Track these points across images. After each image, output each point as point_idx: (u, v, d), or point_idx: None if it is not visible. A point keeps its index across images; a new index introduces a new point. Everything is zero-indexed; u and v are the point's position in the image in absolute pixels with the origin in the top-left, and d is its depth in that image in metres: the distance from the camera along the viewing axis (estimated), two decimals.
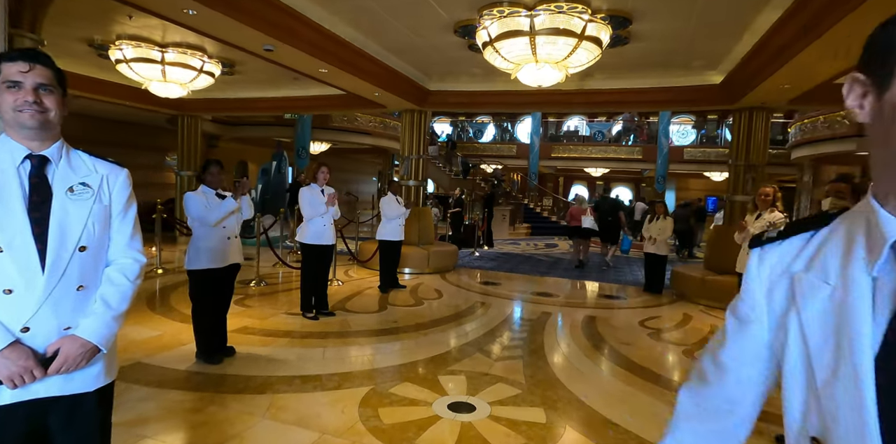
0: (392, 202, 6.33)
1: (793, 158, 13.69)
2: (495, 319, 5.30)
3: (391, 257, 6.40)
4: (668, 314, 5.94)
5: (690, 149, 19.13)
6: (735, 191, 6.85)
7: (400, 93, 7.35)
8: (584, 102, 7.16)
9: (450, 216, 11.46)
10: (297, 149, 13.82)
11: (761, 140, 6.67)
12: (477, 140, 22.68)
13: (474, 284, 7.32)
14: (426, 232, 8.40)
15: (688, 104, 6.69)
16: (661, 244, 7.11)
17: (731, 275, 6.69)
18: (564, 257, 11.13)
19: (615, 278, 8.55)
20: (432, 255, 7.97)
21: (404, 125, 8.41)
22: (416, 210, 8.18)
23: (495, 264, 9.54)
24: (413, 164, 8.38)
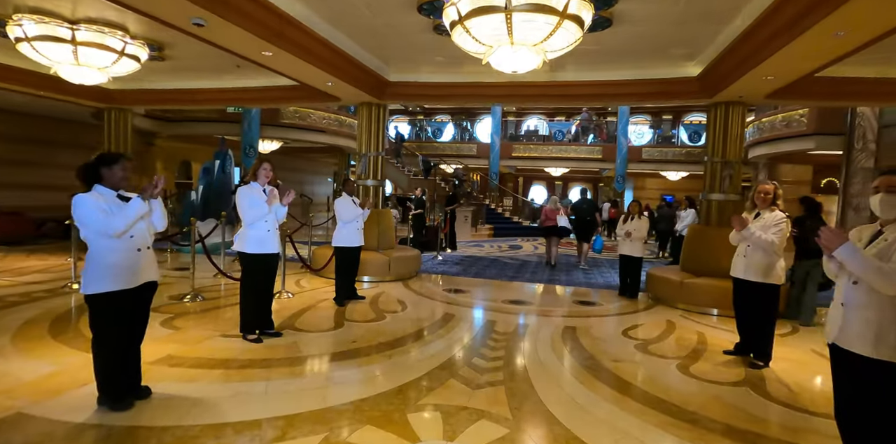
0: (348, 203, 5.64)
1: (750, 157, 13.87)
2: (467, 334, 4.72)
3: (348, 266, 5.71)
4: (650, 321, 5.54)
5: (648, 148, 19.30)
6: (712, 189, 6.57)
7: (356, 83, 6.66)
8: (557, 95, 6.71)
9: (411, 218, 10.82)
10: (244, 147, 12.83)
11: (738, 135, 6.42)
12: (436, 139, 22.11)
13: (440, 292, 6.72)
14: (386, 236, 7.74)
15: (664, 98, 6.36)
16: (637, 246, 6.75)
17: (711, 277, 6.42)
18: (530, 259, 10.71)
19: (587, 280, 8.16)
20: (394, 261, 7.31)
21: (361, 120, 7.72)
22: (376, 212, 7.51)
23: (460, 268, 8.98)
24: (371, 162, 7.70)
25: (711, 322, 5.65)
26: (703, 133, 19.17)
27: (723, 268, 6.41)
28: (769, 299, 4.11)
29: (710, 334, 5.11)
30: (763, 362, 4.13)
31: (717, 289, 6.00)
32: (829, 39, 4.00)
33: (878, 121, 9.47)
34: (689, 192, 24.09)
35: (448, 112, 25.70)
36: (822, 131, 10.55)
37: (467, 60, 6.19)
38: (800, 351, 4.65)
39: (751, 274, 4.11)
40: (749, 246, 4.14)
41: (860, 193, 9.86)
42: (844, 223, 10.27)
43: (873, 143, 9.57)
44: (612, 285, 7.71)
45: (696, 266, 6.52)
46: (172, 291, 5.86)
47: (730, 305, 5.96)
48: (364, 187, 7.72)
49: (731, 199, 6.49)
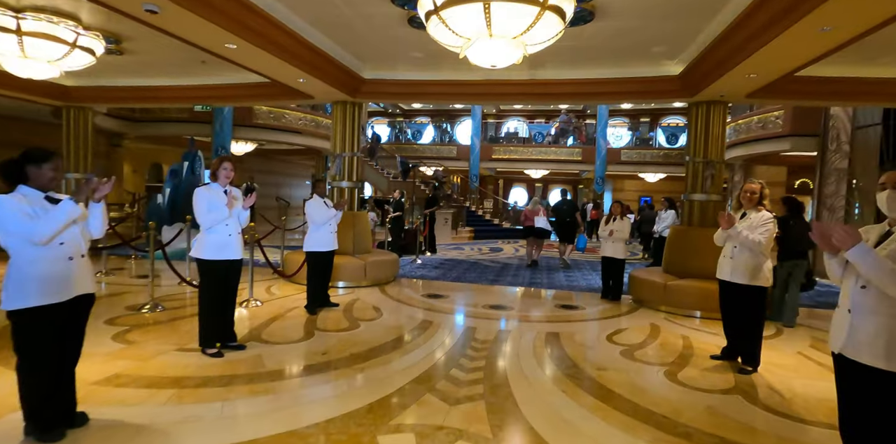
0: (319, 205, 5.35)
1: (727, 158, 13.95)
2: (446, 343, 4.47)
3: (321, 272, 5.41)
4: (634, 326, 5.38)
5: (627, 150, 19.38)
6: (693, 189, 6.46)
7: (330, 80, 6.38)
8: (536, 94, 6.53)
9: (389, 221, 10.54)
10: (216, 148, 12.39)
11: (719, 135, 6.32)
12: (416, 141, 21.86)
13: (418, 297, 6.46)
14: (362, 239, 7.45)
15: (645, 96, 6.23)
16: (619, 247, 6.61)
17: (694, 279, 6.30)
18: (511, 261, 10.53)
19: (568, 283, 8.00)
20: (370, 265, 7.03)
21: (335, 119, 7.42)
22: (351, 215, 7.22)
23: (440, 272, 8.74)
24: (346, 162, 7.41)
25: (696, 325, 5.52)
26: (680, 135, 19.36)
27: (706, 269, 6.32)
28: (756, 301, 3.96)
29: (696, 338, 4.96)
30: (752, 367, 3.98)
31: (701, 291, 5.89)
32: (816, 35, 3.89)
33: (851, 122, 9.56)
34: (668, 193, 24.36)
35: (428, 114, 25.50)
36: (797, 133, 10.64)
37: (445, 57, 5.98)
38: (786, 354, 4.53)
39: (737, 276, 3.96)
40: (735, 247, 4.00)
41: (834, 194, 9.95)
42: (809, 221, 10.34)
43: (847, 144, 9.66)
44: (594, 288, 7.56)
45: (679, 268, 6.40)
46: (131, 301, 5.48)
47: (714, 307, 5.86)
48: (339, 189, 7.42)
49: (712, 199, 6.39)
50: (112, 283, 6.67)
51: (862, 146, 9.35)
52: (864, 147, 9.31)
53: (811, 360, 4.42)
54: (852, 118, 9.55)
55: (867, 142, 9.22)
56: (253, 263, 5.72)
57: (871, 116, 9.11)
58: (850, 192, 9.55)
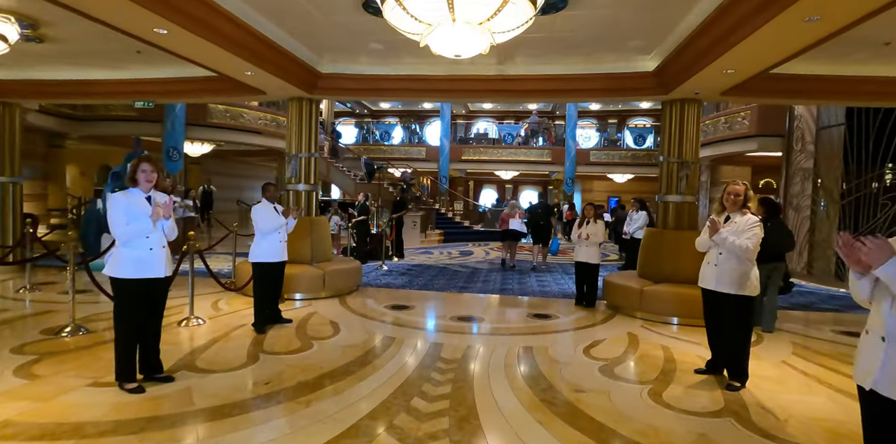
0: (267, 211, 4.82)
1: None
2: (408, 364, 4.02)
3: (269, 285, 4.88)
4: (611, 336, 5.06)
5: (596, 151, 19.35)
6: (668, 190, 6.21)
7: (282, 74, 5.85)
8: (505, 91, 6.17)
9: (353, 226, 10.02)
10: (167, 149, 11.60)
11: (694, 134, 6.10)
12: (384, 142, 21.32)
13: (381, 309, 5.99)
14: (321, 247, 6.92)
15: (617, 94, 5.95)
16: (593, 252, 6.30)
17: (670, 284, 6.04)
18: (481, 266, 10.16)
19: (540, 288, 7.66)
20: (329, 275, 6.51)
21: (291, 117, 6.88)
22: (308, 221, 6.70)
23: (406, 279, 8.28)
24: (303, 164, 6.88)
25: (674, 333, 5.24)
26: (647, 136, 19.45)
27: (682, 273, 6.09)
28: (744, 312, 3.67)
29: (676, 349, 4.67)
30: (740, 382, 3.69)
31: (678, 296, 5.63)
32: (801, 25, 3.63)
33: (815, 123, 9.59)
34: (636, 194, 24.53)
35: (396, 114, 24.98)
36: (763, 133, 10.64)
37: (407, 50, 5.55)
38: (770, 365, 4.27)
39: (724, 285, 3.66)
40: (720, 253, 3.70)
41: (800, 193, 9.97)
42: (785, 222, 10.37)
43: (811, 144, 9.69)
44: (567, 293, 7.25)
45: (654, 272, 6.14)
46: (50, 322, 4.82)
47: (691, 313, 5.61)
48: (296, 193, 6.88)
49: (688, 200, 6.16)
50: (37, 300, 5.95)
51: (826, 146, 9.38)
52: (828, 147, 9.33)
53: (796, 370, 4.17)
54: (816, 119, 9.58)
55: (831, 142, 9.25)
56: (193, 275, 5.14)
57: (836, 117, 9.14)
58: (815, 191, 9.58)
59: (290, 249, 6.44)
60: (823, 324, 5.86)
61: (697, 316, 5.61)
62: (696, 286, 5.89)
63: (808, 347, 4.85)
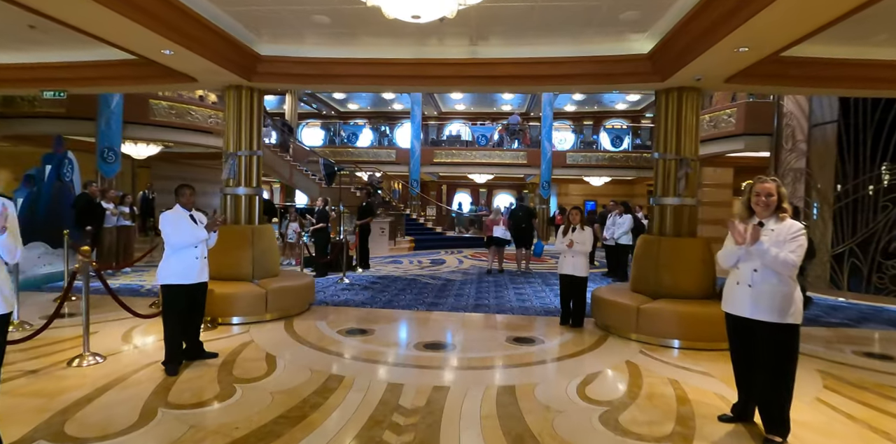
0: (179, 220, 3.80)
1: None
2: (356, 418, 3.07)
3: (183, 312, 3.86)
4: (608, 366, 4.21)
5: (572, 153, 18.74)
6: (665, 192, 5.44)
7: (211, 55, 4.86)
8: (478, 77, 5.30)
9: (309, 234, 8.99)
10: (101, 150, 10.35)
11: (693, 127, 5.34)
12: (351, 144, 20.28)
13: (333, 335, 5.01)
14: (265, 260, 5.90)
15: (607, 80, 5.15)
16: (580, 263, 5.47)
17: (668, 300, 5.26)
18: (454, 277, 9.25)
19: (519, 303, 6.79)
20: (273, 294, 5.49)
21: (228, 108, 5.88)
22: (249, 230, 5.69)
23: (369, 294, 7.30)
24: (243, 163, 5.87)
25: (678, 360, 4.44)
26: (624, 137, 18.95)
27: (683, 287, 5.29)
28: (788, 345, 2.85)
29: (688, 383, 3.84)
30: (781, 436, 2.87)
31: (680, 316, 4.84)
32: None
33: (808, 120, 9.06)
34: (613, 197, 24.08)
35: (365, 116, 23.98)
36: (750, 132, 10.09)
37: (361, 26, 4.64)
38: (805, 405, 3.46)
39: (762, 311, 2.84)
40: (756, 271, 2.88)
41: (791, 195, 9.39)
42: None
43: (804, 142, 9.15)
44: (550, 310, 6.41)
45: (650, 286, 5.34)
46: None
47: (695, 335, 4.82)
48: (234, 198, 5.86)
49: (687, 203, 5.39)
50: None
51: (820, 145, 8.85)
52: (822, 145, 8.80)
53: (838, 411, 3.38)
54: (809, 115, 9.05)
55: (825, 140, 8.72)
56: (88, 297, 4.07)
57: (830, 113, 8.61)
58: (808, 193, 9.03)
59: (226, 263, 5.47)
60: (841, 343, 5.15)
61: (702, 338, 4.87)
62: (699, 302, 5.19)
63: (838, 376, 4.09)
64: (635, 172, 18.52)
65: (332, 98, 21.77)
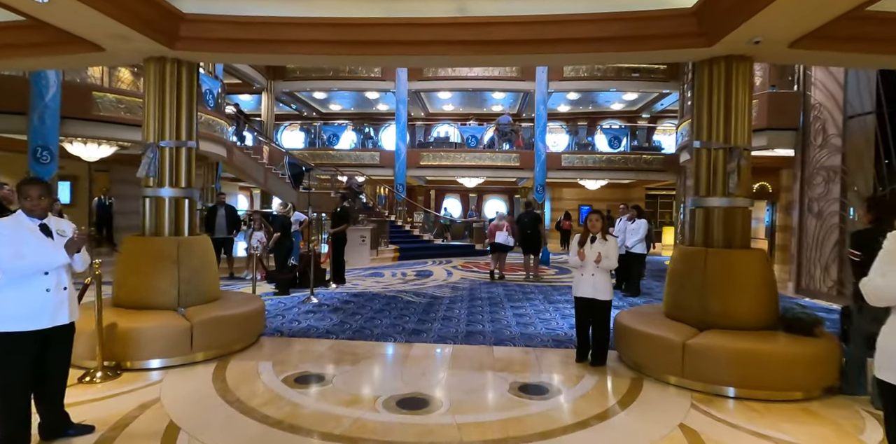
0: (18, 233, 2.48)
1: (682, 161, 12.37)
2: None
3: (22, 375, 2.54)
4: (655, 435, 2.97)
5: (568, 155, 17.61)
6: (709, 191, 4.24)
7: (110, 8, 3.58)
8: (468, 43, 4.07)
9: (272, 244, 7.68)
10: (34, 150, 8.94)
11: (746, 108, 4.16)
12: (332, 146, 18.98)
13: (277, 386, 3.70)
14: (198, 281, 4.57)
15: (637, 45, 3.95)
16: (603, 283, 4.23)
17: (720, 332, 4.04)
18: (441, 293, 7.98)
19: (521, 329, 5.53)
20: (202, 327, 4.17)
21: (147, 86, 4.59)
22: (175, 243, 4.40)
23: (338, 318, 6.00)
24: (168, 158, 4.58)
25: (745, 418, 3.22)
26: (623, 138, 17.88)
27: (736, 316, 4.06)
28: None
29: None
30: None
31: (738, 355, 3.63)
32: None
33: (842, 111, 7.97)
34: (610, 201, 23.03)
35: (348, 117, 22.74)
36: (774, 126, 8.99)
37: None
38: None
39: None
40: None
41: (823, 197, 8.31)
42: (804, 232, 8.73)
43: (837, 137, 8.06)
44: (559, 338, 5.18)
45: (692, 312, 4.12)
46: None
47: (757, 381, 3.58)
48: (157, 201, 4.55)
49: (739, 204, 4.19)
50: None
51: (858, 138, 7.75)
52: (861, 140, 7.70)
53: None
54: (843, 106, 7.96)
55: (865, 133, 7.62)
56: None
57: (870, 103, 7.52)
58: (844, 194, 7.91)
59: (141, 287, 4.20)
60: None
61: (767, 385, 3.64)
62: (762, 337, 3.93)
63: None
64: (634, 175, 17.44)
65: (313, 98, 20.50)
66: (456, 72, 17.23)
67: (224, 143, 12.21)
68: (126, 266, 4.40)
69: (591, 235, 4.25)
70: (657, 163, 16.99)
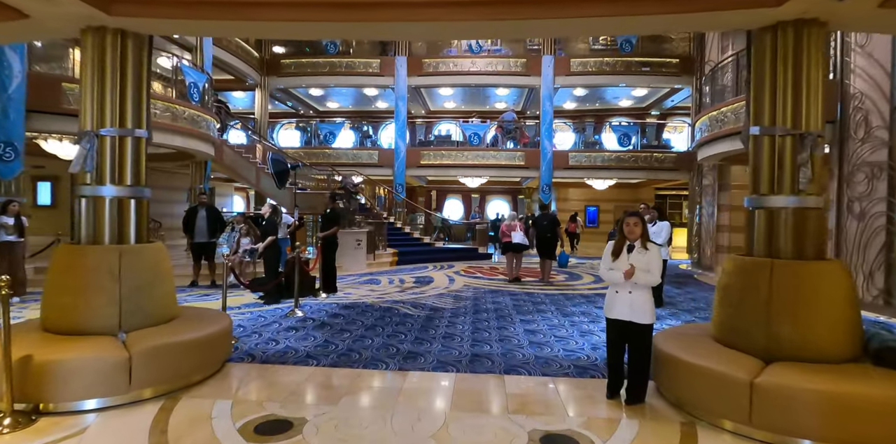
0: None
1: (700, 158, 11.54)
2: None
3: None
4: None
5: (575, 153, 16.78)
6: (774, 188, 3.42)
7: None
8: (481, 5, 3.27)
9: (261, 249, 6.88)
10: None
11: (818, 85, 3.35)
12: (328, 144, 18.19)
13: (228, 440, 2.88)
14: (146, 299, 3.76)
15: (688, 3, 3.14)
16: (643, 301, 3.41)
17: (795, 367, 3.12)
18: (443, 303, 7.17)
19: (536, 350, 4.70)
20: (144, 358, 3.35)
21: (84, 63, 3.79)
22: (115, 252, 3.60)
23: (322, 336, 5.20)
24: (108, 148, 3.78)
25: None
26: (632, 136, 17.04)
27: (813, 344, 3.13)
28: None
29: None
30: None
31: (825, 400, 2.80)
32: None
33: (889, 100, 7.15)
34: (619, 202, 22.20)
35: (346, 115, 21.96)
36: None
37: None
38: None
39: None
40: None
41: (865, 196, 7.48)
42: (842, 236, 7.90)
43: (884, 129, 7.23)
44: (579, 361, 4.37)
45: (755, 340, 3.30)
46: None
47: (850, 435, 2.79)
48: (95, 202, 3.76)
49: (810, 204, 3.37)
50: None
51: None
52: None
53: None
54: (890, 95, 7.14)
55: None
56: None
57: None
58: (892, 191, 7.09)
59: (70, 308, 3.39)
60: None
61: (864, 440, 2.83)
62: (848, 371, 3.03)
63: None
64: (644, 174, 16.61)
65: (310, 95, 19.73)
66: (458, 66, 16.45)
67: (211, 140, 11.41)
68: (56, 282, 3.60)
69: (627, 243, 3.44)
70: (669, 161, 16.17)
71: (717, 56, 12.32)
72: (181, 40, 12.90)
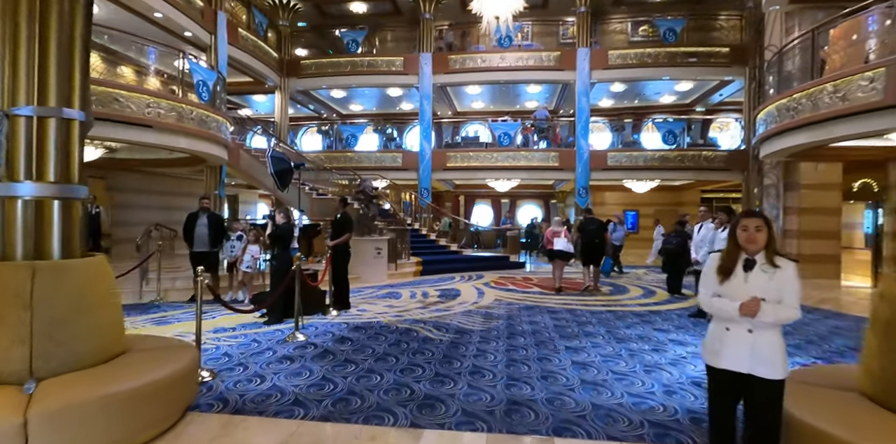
0: None
1: (763, 155, 10.12)
2: None
3: None
4: None
5: (614, 153, 15.46)
6: None
7: None
8: None
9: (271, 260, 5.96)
10: None
11: None
12: (350, 147, 17.41)
13: None
14: (75, 332, 2.81)
15: None
16: (772, 348, 2.23)
17: None
18: (470, 323, 6.06)
19: (591, 394, 3.54)
20: (53, 420, 2.37)
21: None
22: (25, 271, 2.66)
23: (320, 370, 4.17)
24: (23, 133, 2.87)
25: None
26: (678, 133, 15.60)
27: None
28: None
29: None
30: None
31: None
32: None
33: None
34: (661, 206, 20.63)
35: (370, 117, 21.20)
36: None
37: None
38: None
39: None
40: None
41: None
42: None
43: None
44: (654, 413, 3.20)
45: None
46: None
47: None
48: (6, 204, 2.84)
49: None
50: None
51: None
52: None
53: None
54: None
55: None
56: None
57: None
58: None
59: None
60: None
61: None
62: None
63: None
64: (692, 174, 15.15)
65: (332, 98, 19.02)
66: (486, 62, 15.42)
67: (223, 143, 10.68)
68: None
69: (744, 256, 2.28)
70: (719, 160, 14.67)
71: (781, 40, 10.90)
72: (194, 40, 12.31)
